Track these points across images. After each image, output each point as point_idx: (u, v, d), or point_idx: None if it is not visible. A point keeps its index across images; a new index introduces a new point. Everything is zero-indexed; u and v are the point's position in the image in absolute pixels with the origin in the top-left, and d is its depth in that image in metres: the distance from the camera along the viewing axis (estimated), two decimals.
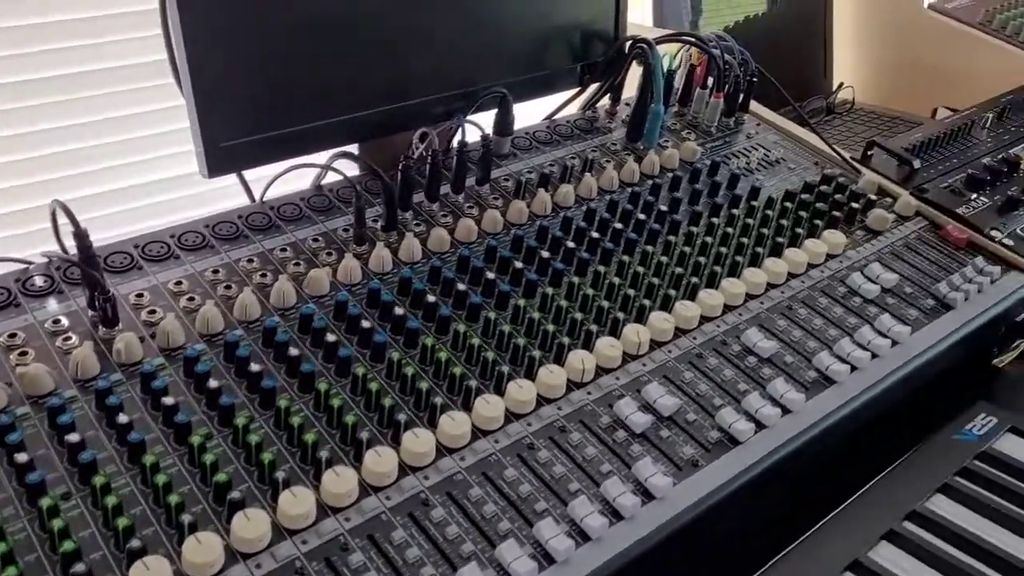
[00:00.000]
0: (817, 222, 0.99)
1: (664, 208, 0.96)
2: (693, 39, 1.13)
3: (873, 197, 1.05)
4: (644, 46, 1.07)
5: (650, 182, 1.02)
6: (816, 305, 0.90)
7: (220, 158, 0.82)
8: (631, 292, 0.84)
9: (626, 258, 0.88)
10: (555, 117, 1.14)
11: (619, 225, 0.92)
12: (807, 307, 0.89)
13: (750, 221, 0.97)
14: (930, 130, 1.22)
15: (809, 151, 1.17)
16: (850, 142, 1.56)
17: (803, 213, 1.00)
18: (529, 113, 1.14)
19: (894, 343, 0.86)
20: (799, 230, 0.97)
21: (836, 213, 1.00)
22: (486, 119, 0.99)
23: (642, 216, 0.94)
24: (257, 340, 0.74)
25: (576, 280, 0.84)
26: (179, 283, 0.78)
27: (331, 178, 0.92)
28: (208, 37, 0.78)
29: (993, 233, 1.03)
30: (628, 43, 1.11)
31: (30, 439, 0.63)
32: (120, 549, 0.57)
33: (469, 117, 0.96)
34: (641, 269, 0.87)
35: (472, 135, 0.95)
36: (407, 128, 0.93)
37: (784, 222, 0.97)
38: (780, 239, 0.95)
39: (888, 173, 1.12)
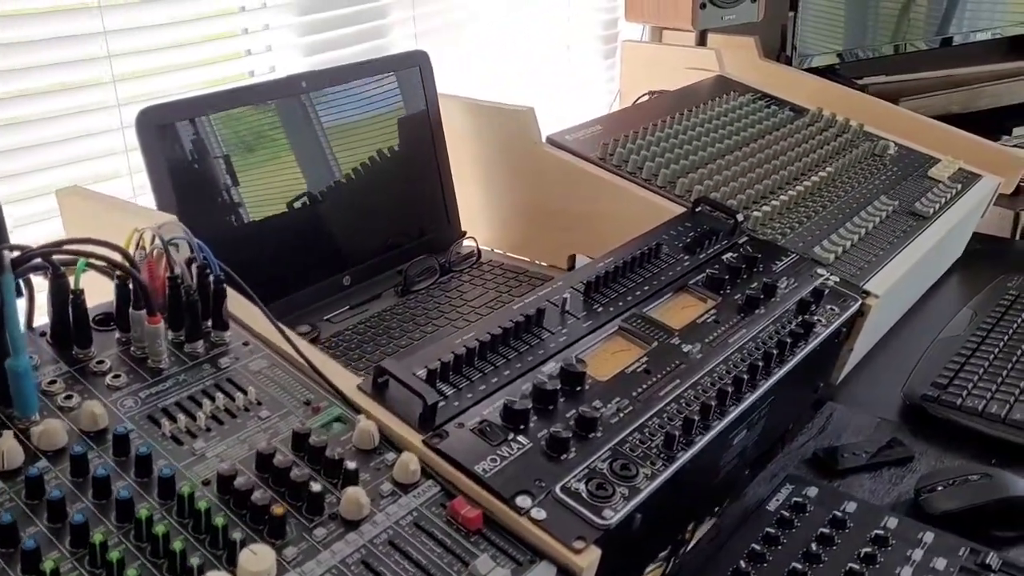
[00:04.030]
0: (244, 532, 0.65)
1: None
2: (100, 251, 0.78)
3: (351, 466, 0.72)
4: None
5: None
6: None
7: None
8: None
9: None
10: None
11: None
12: None
13: (112, 557, 0.61)
14: (487, 327, 0.93)
15: (307, 380, 0.84)
16: (454, 314, 1.27)
17: (219, 520, 0.65)
18: None
19: None
20: (200, 558, 0.62)
21: (275, 512, 0.67)
22: None
23: None
24: None
25: None
26: None
27: None
28: None
29: (521, 501, 0.73)
30: None
31: None
32: None
33: None
34: None
35: None
36: None
37: (176, 546, 0.62)
38: None
39: (403, 411, 0.81)
